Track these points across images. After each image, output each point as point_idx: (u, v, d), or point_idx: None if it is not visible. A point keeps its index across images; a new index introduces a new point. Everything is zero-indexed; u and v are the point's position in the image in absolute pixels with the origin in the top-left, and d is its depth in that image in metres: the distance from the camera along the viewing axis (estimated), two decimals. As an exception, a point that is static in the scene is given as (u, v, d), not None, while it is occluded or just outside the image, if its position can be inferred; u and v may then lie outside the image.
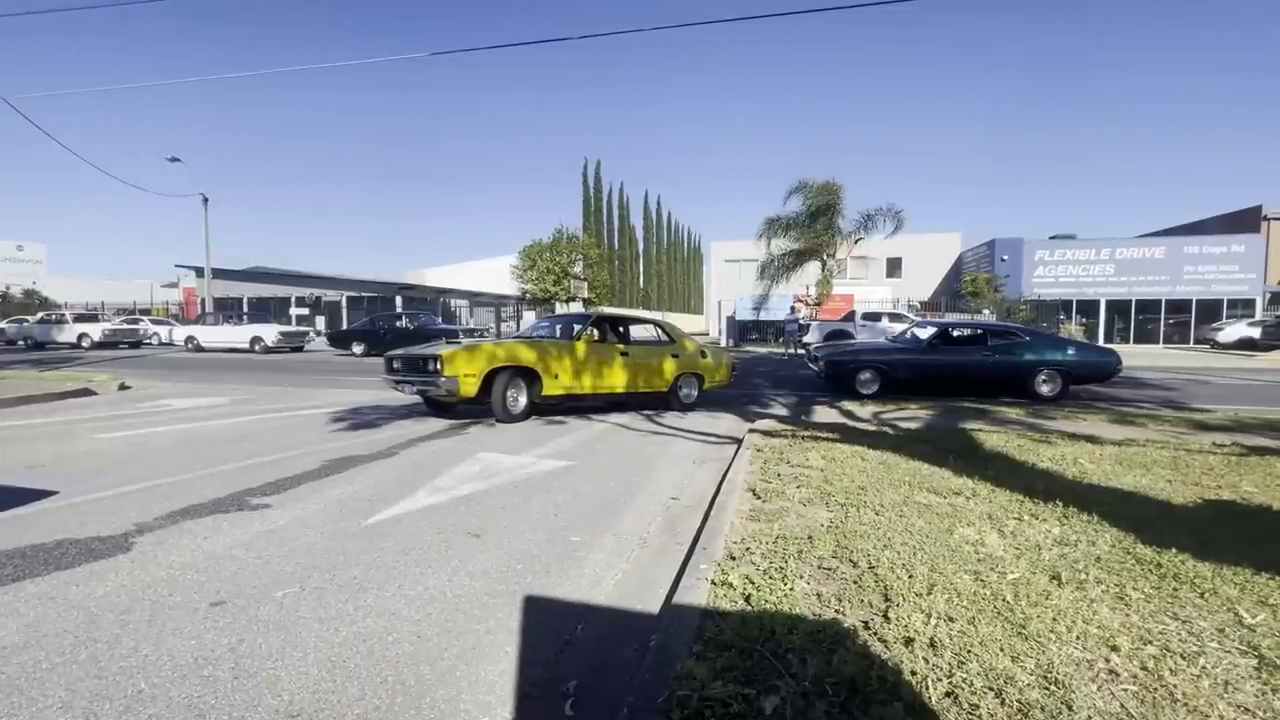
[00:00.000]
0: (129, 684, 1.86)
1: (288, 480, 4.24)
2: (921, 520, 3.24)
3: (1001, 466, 4.55)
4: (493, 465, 4.87)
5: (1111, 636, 2.05)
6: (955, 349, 10.15)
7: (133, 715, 1.71)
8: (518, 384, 7.01)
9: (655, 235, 53.45)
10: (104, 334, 23.05)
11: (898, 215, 22.47)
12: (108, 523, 3.27)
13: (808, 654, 1.90)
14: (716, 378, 8.99)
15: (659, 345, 8.63)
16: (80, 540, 3.01)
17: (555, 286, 31.84)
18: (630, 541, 3.29)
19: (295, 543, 3.08)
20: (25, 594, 2.43)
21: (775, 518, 3.30)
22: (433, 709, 1.81)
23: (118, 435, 5.88)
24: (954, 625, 2.10)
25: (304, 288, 34.57)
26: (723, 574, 2.51)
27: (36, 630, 2.15)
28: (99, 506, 3.56)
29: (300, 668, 1.98)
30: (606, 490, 4.27)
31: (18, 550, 2.86)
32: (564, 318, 8.87)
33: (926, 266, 36.20)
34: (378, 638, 2.19)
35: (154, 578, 2.61)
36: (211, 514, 3.48)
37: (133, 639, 2.12)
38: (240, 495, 3.85)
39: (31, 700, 1.77)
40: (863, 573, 2.56)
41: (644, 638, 2.24)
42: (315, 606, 2.40)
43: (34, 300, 35.75)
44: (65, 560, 2.77)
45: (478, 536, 3.26)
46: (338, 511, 3.60)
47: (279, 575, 2.69)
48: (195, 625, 2.23)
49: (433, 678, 1.96)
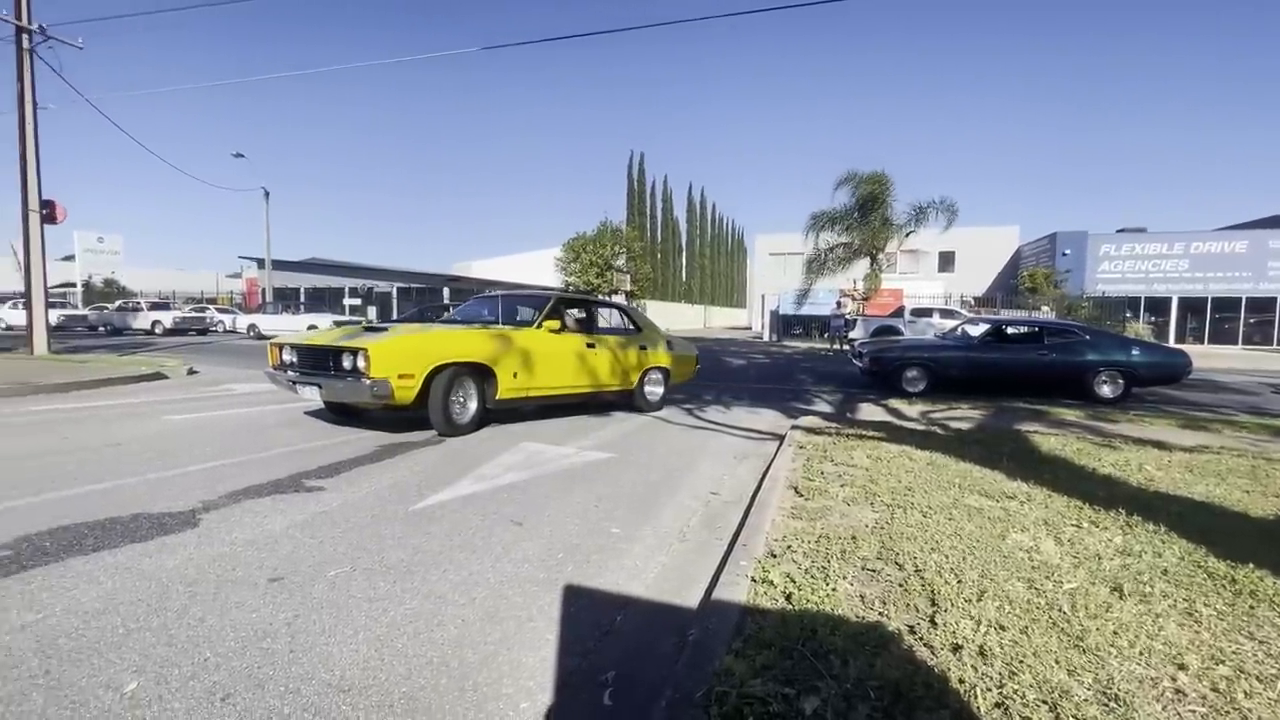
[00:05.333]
0: (196, 652, 1.97)
1: (341, 464, 4.41)
2: (972, 524, 3.13)
3: (1059, 470, 4.35)
4: (536, 455, 4.94)
5: (1179, 654, 1.94)
6: (1009, 347, 9.75)
7: (199, 681, 1.82)
8: (466, 385, 5.59)
9: (699, 228, 53.05)
10: (174, 321, 24.50)
11: (951, 208, 21.74)
12: (177, 499, 3.47)
13: (850, 656, 1.87)
14: (681, 372, 8.07)
15: (625, 335, 7.46)
16: (153, 515, 3.20)
17: (598, 279, 32.04)
18: (670, 535, 3.29)
19: (347, 524, 3.20)
20: (104, 564, 2.60)
21: (818, 516, 3.25)
22: (475, 691, 1.85)
23: (186, 417, 6.22)
24: (1005, 634, 2.02)
25: (357, 279, 35.75)
26: (763, 571, 2.49)
27: (114, 598, 2.30)
28: (169, 484, 3.78)
29: (351, 645, 2.06)
30: (647, 483, 4.28)
31: (98, 523, 3.06)
32: (507, 298, 7.13)
33: (981, 261, 34.86)
34: (423, 620, 2.26)
35: (218, 553, 2.76)
36: (270, 494, 3.65)
37: (199, 609, 2.24)
38: (297, 477, 4.02)
39: (110, 663, 1.89)
40: (909, 576, 2.49)
41: (682, 632, 2.25)
42: (365, 587, 2.50)
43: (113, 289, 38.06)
44: (139, 533, 2.95)
45: (520, 524, 3.32)
46: (387, 495, 3.73)
47: (331, 555, 2.80)
48: (255, 599, 2.34)
49: (475, 661, 2.01)
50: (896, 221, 22.59)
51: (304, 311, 24.71)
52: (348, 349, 5.20)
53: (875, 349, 10.07)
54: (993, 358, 9.46)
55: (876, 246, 23.23)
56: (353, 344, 5.23)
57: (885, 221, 22.56)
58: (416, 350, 5.28)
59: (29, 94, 12.00)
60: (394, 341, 5.30)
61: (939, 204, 21.84)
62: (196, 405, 7.07)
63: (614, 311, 8.14)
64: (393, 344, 5.24)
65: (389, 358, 5.07)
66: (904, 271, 33.86)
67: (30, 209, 12.08)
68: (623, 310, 8.00)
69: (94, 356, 12.34)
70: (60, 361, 10.99)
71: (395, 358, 5.11)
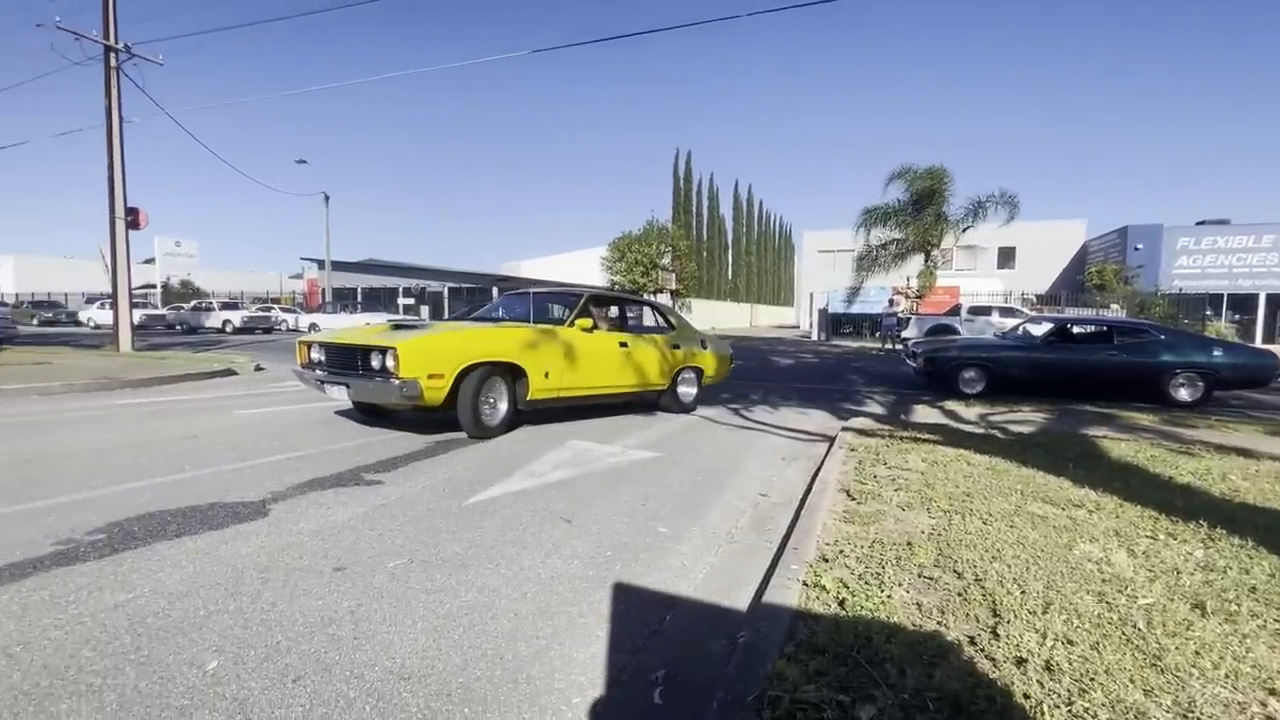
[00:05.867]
0: (269, 635, 2.08)
1: (398, 459, 4.56)
2: (1035, 533, 3.00)
3: (1131, 478, 4.12)
4: (583, 453, 5.00)
5: (1270, 678, 1.81)
6: (1075, 347, 9.28)
7: (272, 663, 1.92)
8: (496, 385, 5.45)
9: (745, 225, 52.49)
10: (242, 321, 25.96)
11: (1012, 201, 20.84)
12: (249, 490, 3.67)
13: (907, 665, 1.82)
14: (716, 372, 7.86)
15: (658, 333, 7.20)
16: (227, 504, 3.40)
17: (644, 278, 32.10)
18: (718, 536, 3.28)
19: (404, 517, 3.32)
20: (186, 549, 2.77)
21: (871, 521, 3.17)
22: (529, 684, 1.89)
23: (254, 412, 6.56)
24: (1074, 649, 1.93)
25: (410, 279, 36.90)
26: (815, 576, 2.45)
27: (195, 581, 2.46)
28: (241, 475, 3.99)
29: (410, 635, 2.14)
30: (694, 483, 4.27)
31: (179, 510, 3.27)
32: (539, 295, 6.90)
33: (1044, 257, 33.25)
34: (478, 612, 2.32)
35: (286, 542, 2.90)
36: (333, 487, 3.81)
37: (271, 595, 2.37)
38: (357, 471, 4.19)
39: (193, 642, 2.02)
40: (968, 585, 2.41)
41: (732, 634, 2.24)
42: (422, 578, 2.58)
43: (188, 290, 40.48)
44: (216, 521, 3.13)
45: (569, 521, 3.37)
46: (442, 490, 3.84)
47: (390, 547, 2.90)
48: (321, 587, 2.46)
49: (528, 654, 2.06)
50: (953, 216, 21.79)
51: (360, 311, 25.71)
52: (376, 348, 5.06)
53: (930, 348, 9.75)
54: (1057, 358, 9.02)
55: (931, 242, 22.45)
56: (381, 343, 5.08)
57: (941, 217, 21.79)
58: (446, 349, 5.13)
59: (116, 109, 12.87)
60: (423, 340, 5.15)
61: (999, 197, 20.96)
62: (263, 400, 7.44)
63: (647, 309, 7.89)
64: (422, 343, 5.09)
65: (418, 357, 4.93)
66: (960, 268, 32.66)
67: (116, 216, 12.96)
68: (655, 308, 7.77)
69: (172, 353, 13.15)
70: (142, 358, 11.76)
71: (425, 357, 4.96)
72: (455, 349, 5.17)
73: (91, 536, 2.86)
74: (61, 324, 32.56)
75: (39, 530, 2.92)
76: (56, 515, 3.13)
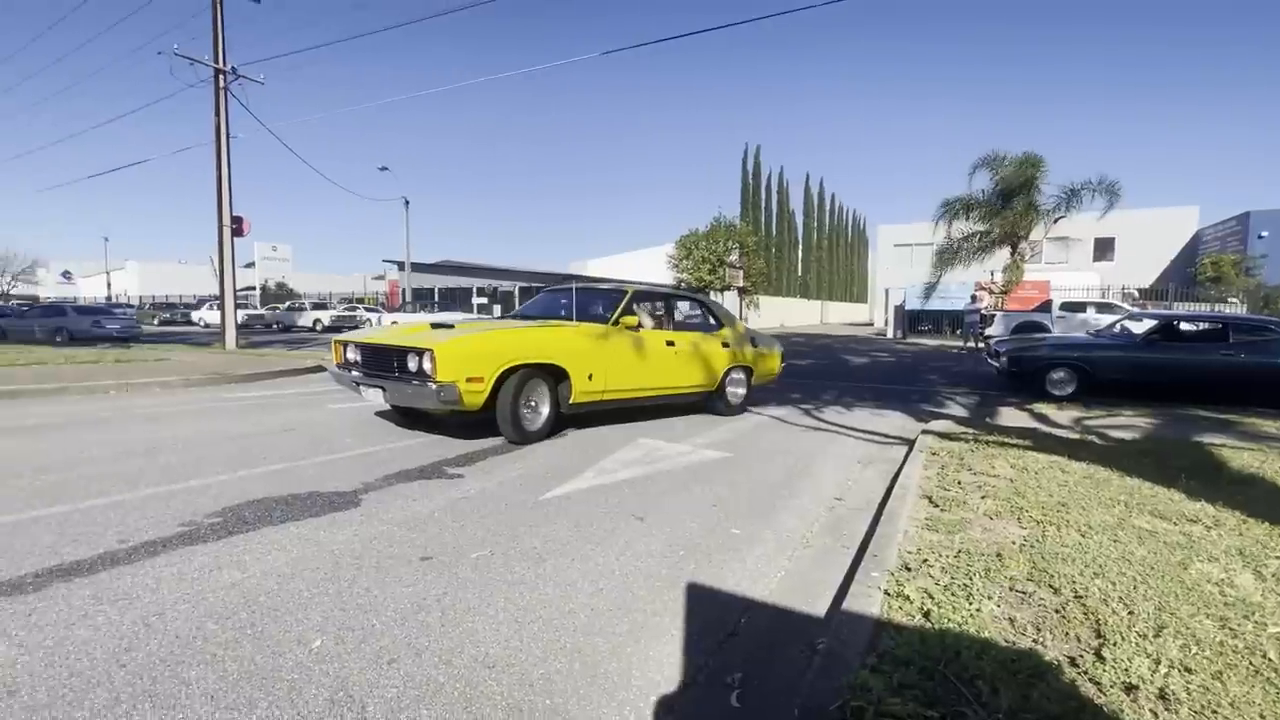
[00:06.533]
0: (364, 619, 2.22)
1: (474, 454, 4.74)
2: (1144, 549, 2.77)
3: (1256, 492, 3.74)
4: (653, 452, 5.03)
5: None
6: (1183, 346, 8.47)
7: (369, 645, 2.05)
8: (538, 388, 5.19)
9: (815, 220, 51.05)
10: (331, 319, 27.75)
11: (1111, 188, 19.21)
12: (342, 481, 3.92)
13: (1000, 684, 1.73)
14: (767, 370, 7.47)
15: (706, 330, 6.87)
16: (324, 494, 3.64)
17: (710, 275, 31.86)
18: (792, 540, 3.23)
19: (484, 510, 3.45)
20: (290, 534, 3.00)
21: (956, 529, 3.03)
22: (606, 680, 1.93)
23: (344, 406, 6.98)
24: (1193, 678, 1.78)
25: (483, 279, 38.21)
26: (897, 585, 2.37)
27: (298, 565, 2.65)
28: (334, 466, 4.27)
29: (493, 624, 2.22)
30: (767, 485, 4.22)
31: (282, 498, 3.53)
32: (581, 291, 6.48)
33: (1147, 247, 30.62)
34: (555, 605, 2.39)
35: (377, 531, 3.08)
36: (418, 479, 4.01)
37: (366, 581, 2.52)
38: (439, 465, 4.39)
39: (299, 621, 2.19)
40: (1066, 602, 2.26)
41: (810, 640, 2.20)
42: (503, 570, 2.68)
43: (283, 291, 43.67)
44: (315, 509, 3.37)
45: (641, 520, 3.40)
46: (518, 485, 3.97)
47: (472, 538, 3.03)
48: (410, 575, 2.59)
49: (606, 650, 2.10)
50: (1045, 206, 20.37)
51: (436, 310, 26.86)
52: (413, 349, 4.82)
53: (1015, 347, 9.15)
54: (1162, 358, 8.26)
55: (1019, 234, 21.09)
56: (418, 343, 4.83)
57: (1031, 207, 20.41)
58: (486, 350, 4.85)
59: (223, 126, 14.01)
60: (461, 341, 4.87)
61: (1096, 184, 19.38)
62: (352, 395, 7.90)
63: (694, 305, 7.46)
64: (460, 344, 4.81)
65: (456, 359, 4.68)
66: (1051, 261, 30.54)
67: (223, 225, 14.12)
68: (702, 303, 7.38)
69: (270, 350, 14.20)
70: (245, 355, 12.77)
71: (463, 359, 4.71)
72: (495, 350, 4.90)
73: (210, 520, 3.14)
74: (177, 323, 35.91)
75: (168, 512, 3.23)
76: (180, 500, 3.45)
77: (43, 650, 1.95)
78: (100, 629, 2.08)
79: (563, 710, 1.78)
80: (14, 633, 2.04)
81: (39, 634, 2.04)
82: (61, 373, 8.67)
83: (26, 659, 1.90)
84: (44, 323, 19.01)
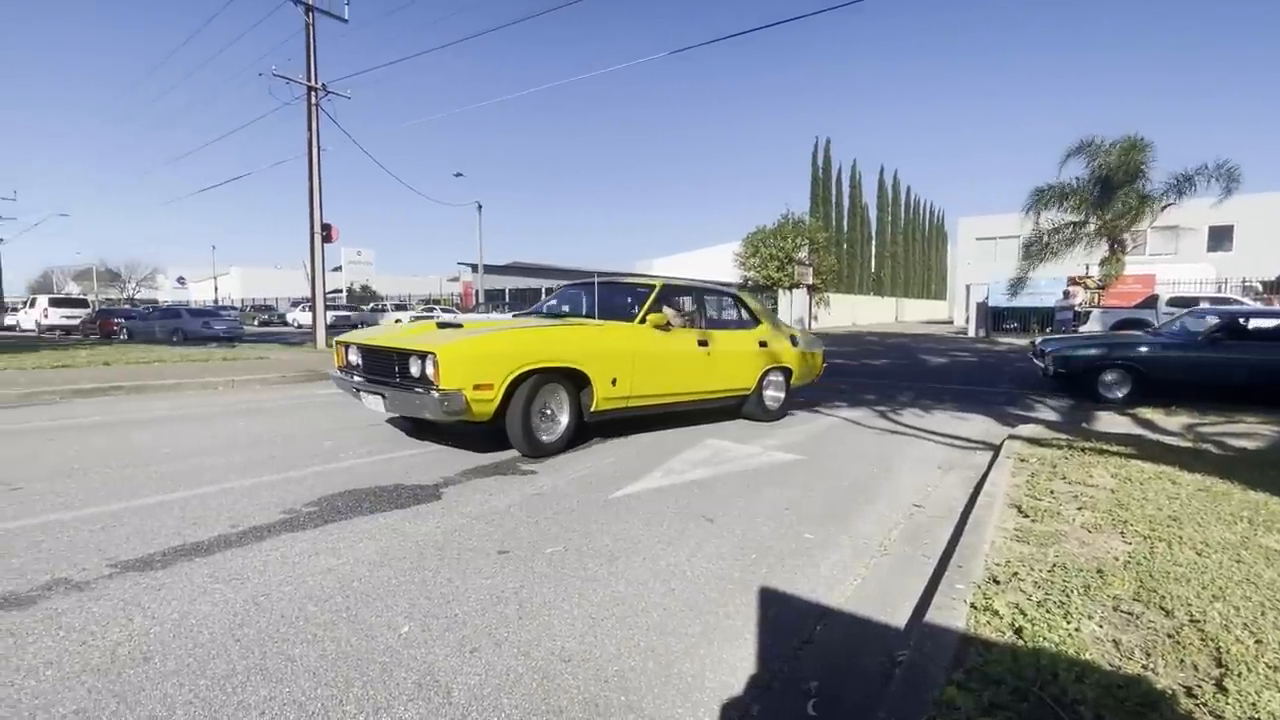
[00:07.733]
0: (447, 608, 2.33)
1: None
2: (1273, 571, 2.51)
3: None
4: (721, 452, 5.00)
5: None
6: (1251, 344, 7.58)
7: (452, 633, 2.14)
8: (555, 394, 4.74)
9: (890, 214, 49.08)
10: (409, 320, 29.13)
11: (1230, 173, 17.45)
12: (423, 475, 4.11)
13: (1105, 710, 1.61)
14: (806, 372, 6.97)
15: (741, 328, 6.39)
16: (407, 487, 3.84)
17: (778, 273, 31.24)
18: (869, 547, 3.12)
19: (557, 506, 3.53)
20: (379, 524, 3.18)
21: (1049, 542, 2.84)
22: (680, 680, 1.94)
23: (425, 403, 7.33)
24: (1334, 718, 1.60)
25: (551, 279, 39.11)
26: (984, 598, 2.25)
27: (386, 554, 2.81)
28: (415, 460, 4.48)
29: (568, 619, 2.28)
30: (840, 489, 4.10)
31: (370, 490, 3.75)
32: (605, 286, 5.97)
33: (1273, 235, 27.56)
34: (628, 603, 2.41)
35: (456, 524, 3.22)
36: (493, 475, 4.16)
37: (448, 571, 2.64)
38: (512, 462, 4.53)
39: (388, 607, 2.32)
40: (1180, 625, 2.08)
41: (889, 652, 2.13)
42: (577, 566, 2.74)
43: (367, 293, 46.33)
44: (400, 501, 3.55)
45: (711, 521, 3.38)
46: (589, 483, 4.04)
47: (546, 534, 3.11)
48: (488, 567, 2.69)
49: (679, 650, 2.10)
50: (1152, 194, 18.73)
51: (506, 311, 27.72)
52: (415, 352, 4.34)
53: (1061, 346, 8.26)
54: (1227, 358, 7.38)
55: (1119, 224, 19.50)
56: (420, 346, 4.34)
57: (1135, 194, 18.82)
58: (496, 353, 4.34)
59: (315, 140, 14.98)
60: (468, 343, 4.33)
61: (1212, 169, 17.66)
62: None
63: (728, 300, 6.80)
64: (467, 346, 4.29)
65: (462, 364, 4.19)
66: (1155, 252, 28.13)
67: (315, 232, 15.11)
68: (737, 299, 6.75)
69: (357, 350, 15.07)
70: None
71: (470, 363, 4.22)
72: (506, 353, 4.38)
73: (307, 508, 3.37)
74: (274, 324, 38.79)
75: (271, 500, 3.50)
76: (281, 489, 3.73)
77: (170, 622, 2.16)
78: (217, 605, 2.28)
79: (638, 708, 1.80)
80: (147, 605, 2.27)
81: (167, 607, 2.26)
82: (178, 370, 9.55)
83: (157, 629, 2.11)
84: (163, 324, 21.08)
